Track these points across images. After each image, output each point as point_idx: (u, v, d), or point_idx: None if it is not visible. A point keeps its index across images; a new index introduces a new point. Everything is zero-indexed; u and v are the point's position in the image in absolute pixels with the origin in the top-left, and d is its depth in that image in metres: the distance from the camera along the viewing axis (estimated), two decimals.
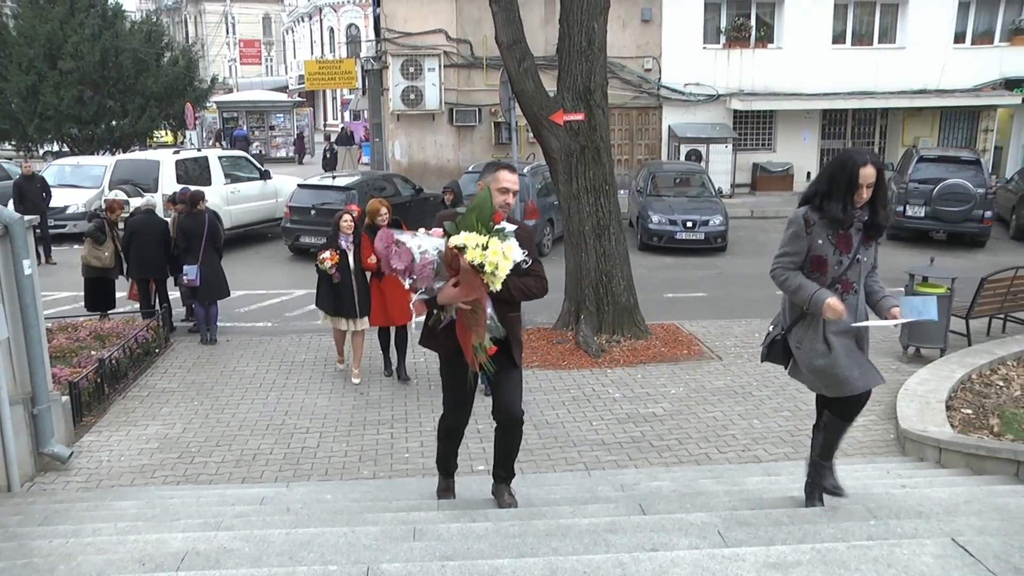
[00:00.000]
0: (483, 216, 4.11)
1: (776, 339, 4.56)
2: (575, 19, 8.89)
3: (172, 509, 5.26)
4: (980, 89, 23.26)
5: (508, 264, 4.02)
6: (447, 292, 4.16)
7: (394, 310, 8.73)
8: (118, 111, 27.83)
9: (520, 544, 3.55)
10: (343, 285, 8.64)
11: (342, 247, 8.63)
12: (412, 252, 4.09)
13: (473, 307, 4.15)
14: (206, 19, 62.82)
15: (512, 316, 4.55)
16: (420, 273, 4.13)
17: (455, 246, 4.04)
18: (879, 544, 3.38)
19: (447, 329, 4.40)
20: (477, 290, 4.07)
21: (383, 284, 8.57)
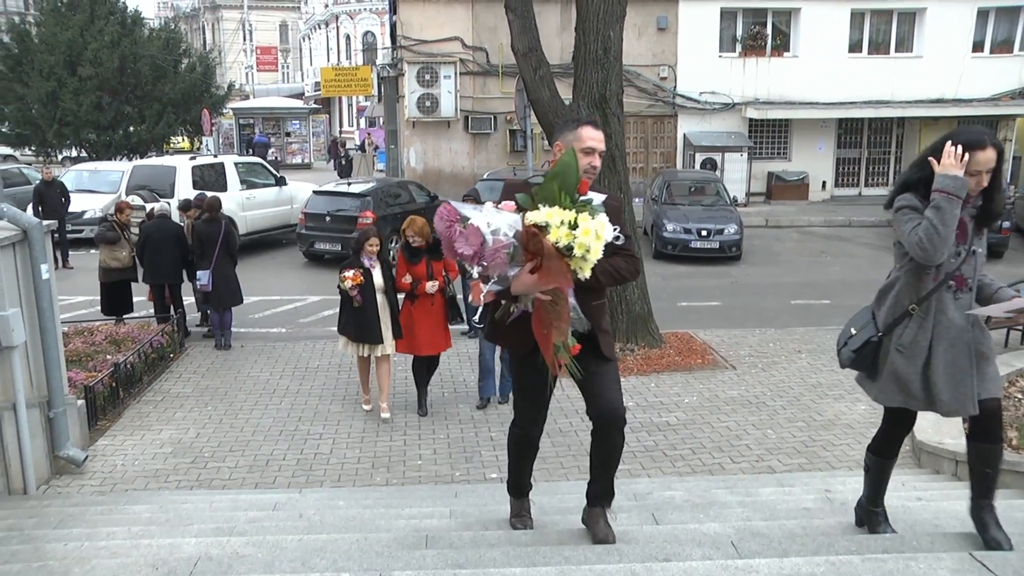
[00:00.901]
0: (567, 185, 3.37)
1: (871, 340, 3.95)
2: (591, 27, 8.90)
3: (185, 514, 5.28)
4: (999, 99, 23.11)
5: (600, 246, 3.31)
6: (524, 280, 3.40)
7: (422, 339, 8.00)
8: (136, 117, 28.11)
9: (532, 553, 3.54)
10: (366, 308, 7.84)
11: (365, 266, 7.86)
12: (481, 233, 3.33)
13: (554, 297, 3.42)
14: (223, 26, 63.28)
15: (597, 305, 3.80)
16: (492, 259, 3.37)
17: (534, 224, 3.32)
18: (894, 557, 3.35)
19: (520, 323, 3.66)
20: (561, 278, 3.36)
21: (414, 308, 7.95)
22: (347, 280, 7.70)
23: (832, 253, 17.41)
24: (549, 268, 3.31)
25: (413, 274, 7.88)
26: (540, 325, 3.51)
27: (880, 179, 24.43)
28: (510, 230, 3.36)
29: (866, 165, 24.43)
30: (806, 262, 16.58)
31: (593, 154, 3.70)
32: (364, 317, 7.83)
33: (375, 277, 7.87)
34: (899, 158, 24.26)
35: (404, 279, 7.89)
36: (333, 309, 12.49)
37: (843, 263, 16.42)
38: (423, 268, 7.90)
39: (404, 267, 7.94)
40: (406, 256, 7.98)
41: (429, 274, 7.89)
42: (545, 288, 3.39)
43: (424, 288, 7.83)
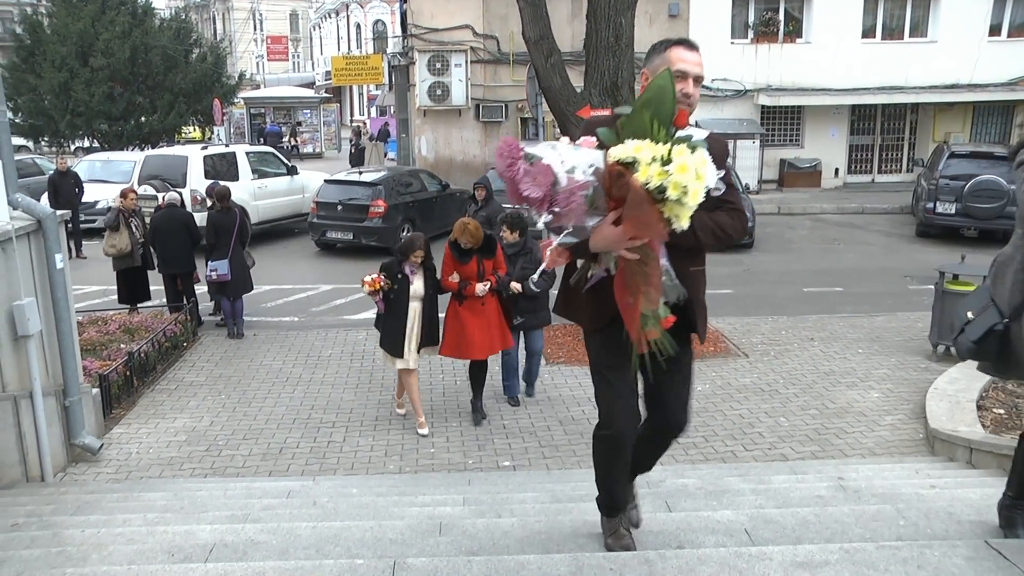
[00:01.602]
0: (662, 114, 2.76)
1: (995, 328, 3.36)
2: (602, 14, 8.85)
3: (200, 501, 5.32)
4: (1016, 83, 22.84)
5: (701, 187, 2.73)
6: (605, 233, 2.80)
7: (475, 342, 7.37)
8: (147, 107, 28.17)
9: (546, 540, 3.55)
10: (393, 316, 7.29)
11: (405, 272, 7.26)
12: (553, 172, 2.77)
13: (643, 256, 2.81)
14: (234, 16, 63.28)
15: (695, 271, 3.18)
16: (566, 204, 2.78)
17: (619, 161, 2.74)
18: (909, 545, 3.35)
19: (598, 291, 3.04)
20: (652, 228, 2.75)
21: (462, 309, 7.34)
22: (365, 284, 7.25)
23: (845, 241, 17.33)
24: (637, 216, 2.71)
25: (462, 273, 7.31)
26: (625, 291, 2.89)
27: (893, 166, 24.26)
28: (588, 168, 2.79)
29: (879, 152, 24.25)
30: (818, 250, 16.50)
31: (687, 80, 3.04)
32: (389, 325, 7.34)
33: (413, 284, 7.28)
34: (912, 144, 24.07)
35: (451, 278, 7.34)
36: (345, 298, 12.62)
37: (856, 251, 16.33)
38: (473, 267, 7.29)
39: (452, 266, 7.34)
40: (455, 255, 7.33)
41: (480, 274, 7.30)
42: (632, 243, 2.78)
43: (474, 290, 7.24)
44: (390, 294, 7.21)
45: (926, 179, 17.79)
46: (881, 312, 11.60)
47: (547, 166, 2.77)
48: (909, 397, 8.25)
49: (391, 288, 7.20)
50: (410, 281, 7.26)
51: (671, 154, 2.70)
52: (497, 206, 10.98)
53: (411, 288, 7.27)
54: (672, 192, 2.69)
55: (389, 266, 7.33)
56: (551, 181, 2.76)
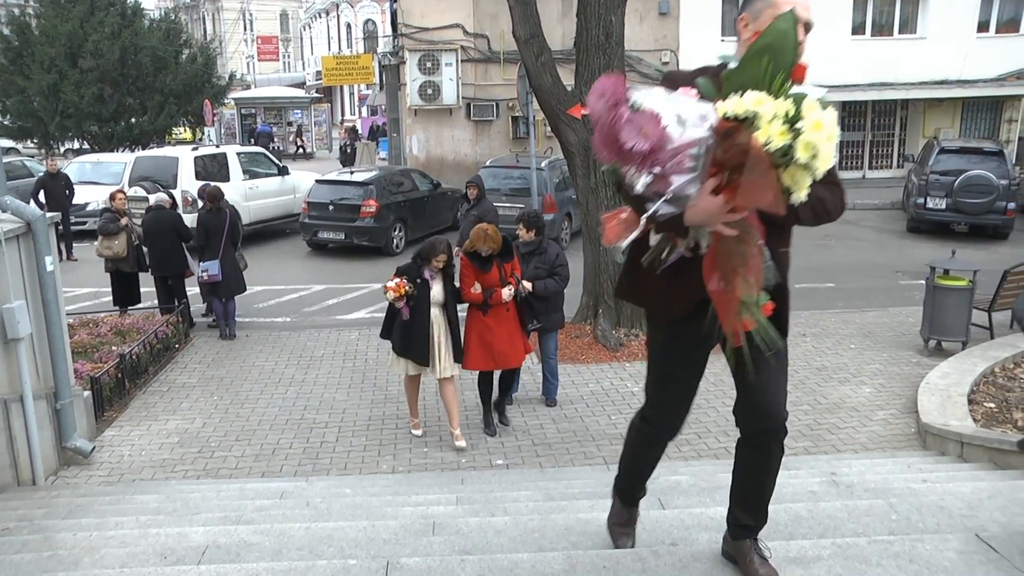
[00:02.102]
0: (782, 62, 2.33)
1: None
2: (592, 13, 8.86)
3: (193, 503, 5.31)
4: (1004, 79, 22.91)
5: (832, 150, 2.29)
6: (706, 203, 2.36)
7: (502, 351, 6.98)
8: (137, 108, 28.09)
9: (539, 539, 3.55)
10: (416, 322, 6.88)
11: (425, 277, 6.88)
12: (660, 122, 2.28)
13: (742, 232, 2.41)
14: (224, 16, 63.06)
15: (784, 253, 2.81)
16: (675, 163, 2.30)
17: (734, 116, 2.29)
18: (901, 539, 3.36)
19: (676, 275, 2.67)
20: (767, 198, 2.32)
21: (488, 318, 6.95)
22: (389, 291, 6.76)
23: (836, 237, 17.33)
24: (752, 183, 2.27)
25: (484, 283, 6.94)
26: (718, 274, 2.48)
27: (884, 162, 24.32)
28: (702, 122, 2.30)
29: (870, 148, 24.31)
30: (810, 245, 16.50)
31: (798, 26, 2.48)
32: (412, 329, 6.90)
33: (433, 290, 6.92)
34: (903, 140, 24.13)
35: (473, 289, 6.95)
36: (337, 298, 12.60)
37: (847, 246, 16.37)
38: (495, 274, 6.95)
39: (473, 276, 6.95)
40: (476, 264, 6.94)
41: (502, 280, 6.98)
42: (732, 216, 2.36)
43: (500, 297, 6.89)
44: (411, 300, 6.81)
45: (916, 175, 17.85)
46: (873, 307, 11.64)
47: (656, 115, 2.29)
48: (901, 392, 8.28)
49: (413, 293, 6.80)
50: (430, 286, 6.91)
51: (801, 110, 2.28)
52: (489, 205, 10.97)
53: (431, 292, 6.93)
54: (801, 154, 2.27)
55: (408, 270, 6.91)
56: (660, 133, 2.28)
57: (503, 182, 15.80)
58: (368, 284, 13.41)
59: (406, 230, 16.10)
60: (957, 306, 9.24)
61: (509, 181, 15.85)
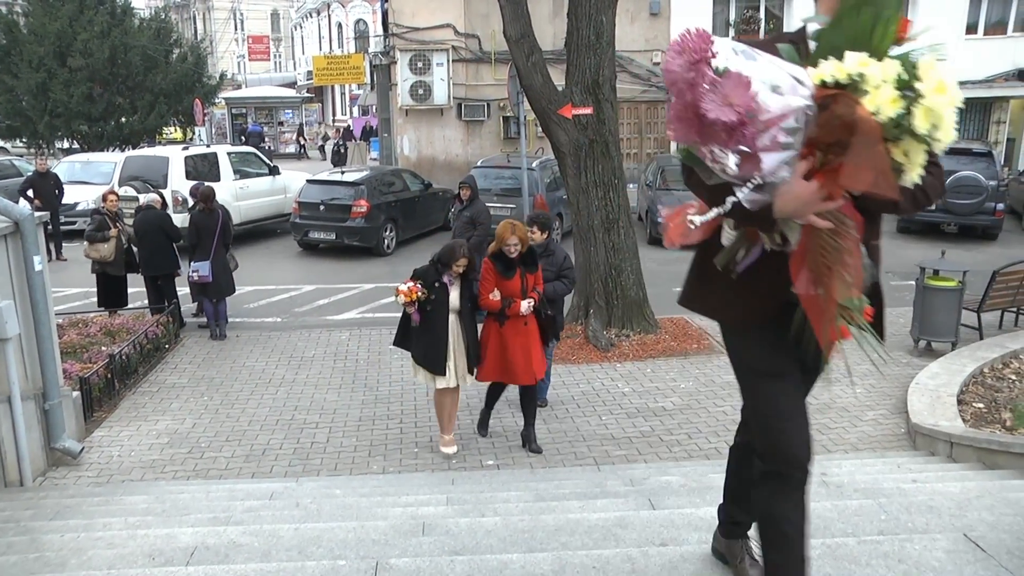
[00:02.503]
0: (885, 16, 1.95)
1: None
2: (583, 13, 8.86)
3: (182, 504, 5.28)
4: (993, 80, 23.03)
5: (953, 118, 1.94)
6: (799, 189, 1.97)
7: (518, 365, 6.62)
8: (127, 108, 27.94)
9: (529, 539, 3.54)
10: (433, 328, 6.51)
11: (443, 282, 6.51)
12: (750, 87, 1.88)
13: (838, 224, 2.03)
14: (214, 15, 62.88)
15: (875, 245, 2.39)
16: (769, 139, 1.89)
17: (835, 82, 1.92)
18: (890, 539, 3.36)
19: (755, 276, 2.32)
20: (880, 180, 1.93)
21: (504, 330, 6.61)
22: (400, 295, 6.38)
23: None
24: (857, 161, 1.89)
25: (505, 291, 6.58)
26: (810, 274, 2.10)
27: None
28: (799, 88, 1.90)
29: None
30: None
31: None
32: (431, 337, 6.52)
33: (451, 296, 6.57)
34: None
35: (492, 295, 6.55)
36: (328, 298, 12.57)
37: None
38: (517, 283, 6.61)
39: (494, 281, 6.57)
40: (499, 268, 6.57)
41: (523, 290, 6.64)
42: (827, 205, 1.98)
43: (519, 308, 6.55)
44: (427, 305, 6.42)
45: None
46: None
47: (745, 78, 1.88)
48: (891, 392, 8.30)
49: (428, 298, 6.41)
50: (448, 292, 6.54)
51: (917, 70, 1.90)
52: (481, 205, 10.95)
53: (449, 298, 6.56)
54: (921, 123, 1.91)
55: (425, 273, 6.54)
56: (750, 101, 1.87)
57: (494, 182, 15.80)
58: (359, 284, 13.40)
59: (397, 230, 16.07)
60: (947, 307, 9.27)
61: (500, 181, 15.85)
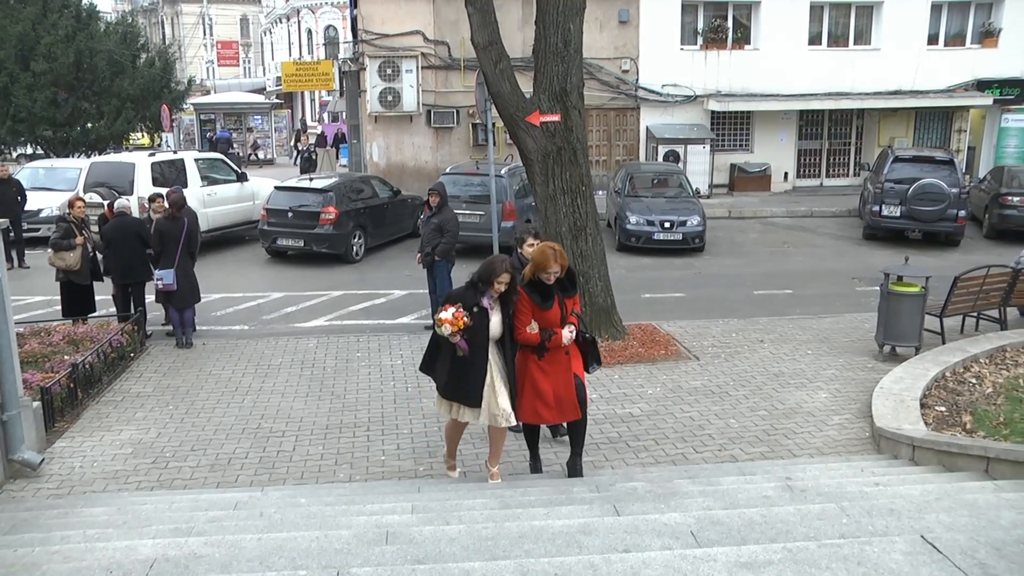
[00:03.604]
0: None
1: None
2: (551, 20, 8.88)
3: (144, 515, 5.21)
4: (953, 90, 23.49)
5: None
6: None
7: (559, 401, 5.96)
8: (93, 113, 27.58)
9: (492, 547, 3.53)
10: (473, 360, 5.73)
11: (483, 305, 5.76)
12: None
13: None
14: (183, 20, 62.36)
15: None
16: None
17: None
18: (850, 542, 3.40)
19: None
20: None
21: (544, 363, 5.92)
22: (445, 324, 5.56)
23: (794, 244, 17.59)
24: None
25: (543, 321, 5.89)
26: None
27: (841, 170, 24.71)
28: None
29: (827, 156, 24.69)
30: (769, 253, 16.74)
31: None
32: (469, 371, 5.75)
33: (492, 321, 5.81)
34: (859, 149, 24.55)
35: (529, 328, 5.87)
36: (296, 306, 12.49)
37: (805, 253, 16.60)
38: (557, 312, 5.92)
39: (530, 313, 5.87)
40: (536, 300, 5.86)
41: (563, 317, 5.96)
42: None
43: (560, 340, 5.86)
44: (467, 334, 5.68)
45: (872, 183, 18.18)
46: (829, 314, 11.80)
47: None
48: (856, 397, 8.40)
49: (472, 325, 5.69)
50: (488, 317, 5.82)
51: None
52: (450, 213, 10.93)
53: (490, 325, 5.84)
54: None
55: (463, 296, 5.83)
56: None
57: (463, 189, 15.78)
58: (327, 292, 13.33)
59: (366, 237, 16.01)
60: (910, 312, 9.40)
61: (469, 188, 15.83)
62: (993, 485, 5.12)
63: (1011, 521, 3.74)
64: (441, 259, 10.78)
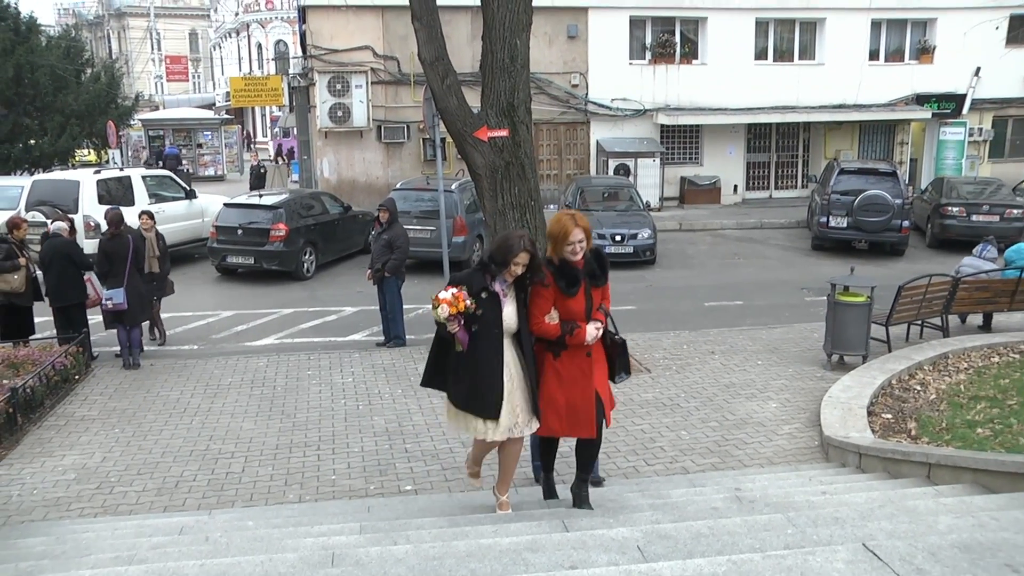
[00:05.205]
0: None
1: None
2: (497, 36, 8.89)
3: (84, 544, 5.07)
4: (894, 104, 24.09)
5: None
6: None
7: (576, 411, 4.99)
8: (36, 129, 26.96)
9: (438, 567, 3.50)
10: (483, 355, 4.82)
11: (493, 290, 4.85)
12: None
13: None
14: (130, 34, 61.51)
15: None
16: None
17: None
18: (794, 553, 3.42)
19: None
20: None
21: (561, 363, 4.99)
22: (442, 304, 4.63)
23: (744, 255, 17.83)
24: None
25: (565, 311, 4.95)
26: None
27: (789, 182, 25.15)
28: None
29: (775, 168, 25.11)
30: (719, 264, 16.94)
31: None
32: (480, 369, 4.83)
33: (506, 311, 4.91)
34: (806, 161, 25.01)
35: (549, 318, 4.93)
36: (247, 324, 12.33)
37: (755, 264, 16.83)
38: (580, 302, 4.96)
39: (551, 300, 4.93)
40: (561, 285, 4.91)
41: (587, 310, 5.01)
42: None
43: (583, 337, 4.91)
44: (473, 323, 4.77)
45: (819, 194, 18.53)
46: (779, 324, 11.97)
47: None
48: (805, 406, 8.51)
49: (475, 313, 4.76)
50: (501, 305, 4.89)
51: None
52: (400, 229, 10.88)
53: (503, 314, 4.89)
54: None
55: (469, 279, 4.87)
56: None
57: (414, 204, 15.75)
58: (278, 309, 13.18)
59: (316, 254, 15.88)
60: (856, 321, 9.57)
61: (420, 203, 15.80)
62: (934, 491, 5.23)
63: (948, 526, 3.81)
64: (391, 275, 10.73)
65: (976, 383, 8.48)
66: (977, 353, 9.63)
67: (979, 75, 24.13)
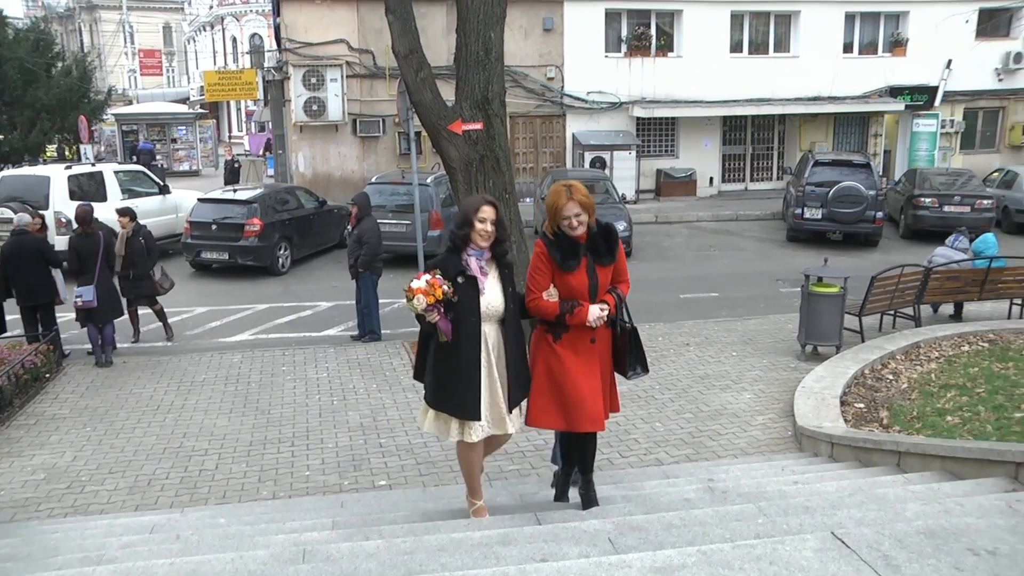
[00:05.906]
0: None
1: None
2: (471, 28, 8.87)
3: (51, 545, 5.00)
4: (868, 96, 24.27)
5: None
6: None
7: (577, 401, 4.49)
8: (6, 124, 26.60)
9: (409, 561, 3.49)
10: (458, 347, 4.38)
11: (470, 272, 4.42)
12: None
13: None
14: (102, 28, 60.72)
15: None
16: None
17: None
18: (764, 542, 3.43)
19: None
20: None
21: (561, 347, 4.52)
22: (417, 295, 4.23)
23: (720, 247, 17.91)
24: None
25: (565, 288, 4.50)
26: None
27: (764, 174, 25.27)
28: None
29: (751, 161, 25.22)
30: (695, 256, 17.01)
31: None
32: (459, 365, 4.40)
33: (488, 291, 4.46)
34: (782, 153, 25.14)
35: (547, 295, 4.50)
36: (221, 320, 12.24)
37: (731, 256, 16.91)
38: (583, 276, 4.50)
39: (549, 273, 4.50)
40: (555, 254, 4.47)
41: (592, 288, 4.55)
42: None
43: (584, 315, 4.44)
44: (449, 312, 4.35)
45: (794, 186, 18.64)
46: (754, 315, 12.03)
47: None
48: (779, 396, 8.56)
49: (453, 297, 4.33)
50: (480, 286, 4.43)
51: None
52: (370, 224, 10.82)
53: (483, 298, 4.44)
54: None
55: (444, 262, 4.45)
56: None
57: (389, 198, 15.68)
58: (253, 305, 13.10)
59: (291, 249, 15.78)
60: (830, 312, 9.64)
61: (395, 198, 15.74)
62: (903, 478, 5.27)
63: (915, 512, 3.84)
64: (365, 271, 10.68)
65: (947, 372, 8.57)
66: (948, 342, 9.74)
67: (951, 67, 24.36)
